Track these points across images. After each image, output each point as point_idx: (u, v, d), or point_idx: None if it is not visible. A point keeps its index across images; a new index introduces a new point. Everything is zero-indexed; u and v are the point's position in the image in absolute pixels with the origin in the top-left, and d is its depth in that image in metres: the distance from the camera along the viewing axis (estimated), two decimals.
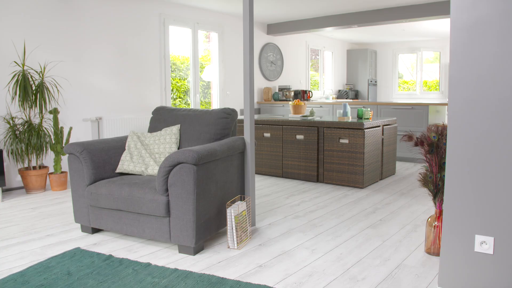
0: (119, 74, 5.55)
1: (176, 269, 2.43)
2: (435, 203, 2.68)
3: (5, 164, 4.45)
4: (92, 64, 5.24)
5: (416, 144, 2.69)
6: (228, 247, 2.81)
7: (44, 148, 4.49)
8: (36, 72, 4.56)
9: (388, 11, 6.62)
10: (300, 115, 5.53)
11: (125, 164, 3.15)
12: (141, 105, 5.86)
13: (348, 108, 4.97)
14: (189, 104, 6.83)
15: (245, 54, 3.06)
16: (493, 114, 1.89)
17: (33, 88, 4.45)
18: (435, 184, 2.65)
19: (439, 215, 2.65)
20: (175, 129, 3.28)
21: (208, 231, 2.76)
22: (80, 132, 5.17)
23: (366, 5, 6.45)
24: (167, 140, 3.22)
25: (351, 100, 9.08)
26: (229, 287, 2.21)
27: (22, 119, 4.46)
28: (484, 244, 1.96)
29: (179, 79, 6.75)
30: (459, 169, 2.00)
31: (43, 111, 4.55)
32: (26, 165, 4.63)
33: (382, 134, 5.02)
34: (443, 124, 2.67)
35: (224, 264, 2.55)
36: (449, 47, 2.00)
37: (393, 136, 5.30)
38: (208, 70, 6.96)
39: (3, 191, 4.47)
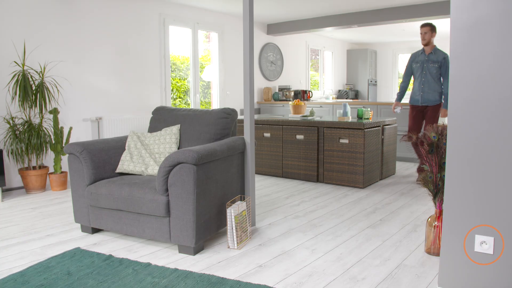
0: (119, 74, 5.55)
1: (176, 269, 2.43)
2: (435, 203, 2.68)
3: (5, 164, 4.45)
4: (92, 64, 5.24)
5: (416, 144, 2.69)
6: (228, 247, 2.81)
7: (44, 148, 4.49)
8: (36, 72, 4.56)
9: (388, 11, 6.62)
10: (300, 115, 5.53)
11: (125, 164, 3.15)
12: (141, 105, 5.86)
13: (348, 108, 4.97)
14: (189, 104, 6.83)
15: (245, 54, 3.05)
16: (493, 114, 1.89)
17: (33, 88, 4.45)
18: (435, 184, 2.65)
19: (439, 215, 2.65)
20: (175, 129, 3.28)
21: (208, 231, 2.76)
22: (80, 132, 5.17)
23: (366, 5, 6.45)
24: (167, 140, 3.22)
25: (351, 100, 9.08)
26: (229, 287, 2.21)
27: (22, 119, 4.45)
28: (484, 244, 1.96)
29: (179, 79, 6.75)
30: (459, 169, 2.00)
31: (43, 111, 4.55)
32: (26, 165, 4.63)
33: (382, 134, 5.02)
34: (443, 124, 2.67)
35: (224, 264, 2.55)
36: (449, 47, 2.00)
37: (393, 136, 5.30)
38: (208, 70, 6.96)
39: (3, 191, 4.47)
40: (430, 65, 4.66)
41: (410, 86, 5.16)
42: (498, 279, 1.94)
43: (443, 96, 4.73)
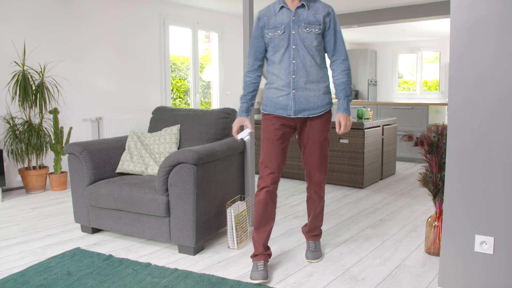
0: (119, 74, 5.55)
1: (176, 269, 2.43)
2: (435, 203, 2.67)
3: (5, 164, 4.45)
4: (92, 64, 5.24)
5: (416, 144, 2.69)
6: (228, 247, 2.81)
7: (44, 148, 4.49)
8: (36, 72, 4.56)
9: (388, 11, 6.62)
10: None
11: (125, 164, 3.15)
12: (141, 105, 5.86)
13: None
14: (189, 104, 6.83)
15: (245, 54, 3.05)
16: (493, 114, 1.89)
17: (33, 88, 4.45)
18: (435, 184, 2.64)
19: (439, 215, 2.65)
20: (175, 129, 3.28)
21: (208, 231, 2.76)
22: (80, 132, 5.17)
23: (366, 5, 6.45)
24: (167, 140, 3.22)
25: None
26: (229, 287, 2.21)
27: (22, 119, 4.45)
28: (484, 244, 1.96)
29: (179, 79, 6.75)
30: (459, 169, 2.00)
31: (43, 111, 4.55)
32: (26, 165, 4.63)
33: (382, 134, 5.02)
34: (443, 124, 2.67)
35: (224, 264, 2.55)
36: (449, 47, 2.00)
37: (393, 136, 5.30)
38: (208, 70, 6.96)
39: (3, 191, 4.47)
40: (303, 32, 2.29)
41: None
42: (498, 279, 1.94)
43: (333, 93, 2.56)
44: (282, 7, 2.31)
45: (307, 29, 2.29)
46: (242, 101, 2.42)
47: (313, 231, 2.65)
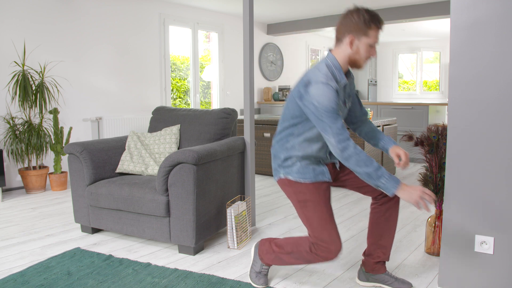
0: (119, 74, 5.55)
1: (176, 269, 2.43)
2: (435, 203, 2.67)
3: (5, 164, 4.45)
4: (92, 64, 5.24)
5: (416, 144, 2.69)
6: (228, 247, 2.81)
7: (44, 148, 4.49)
8: (36, 72, 4.56)
9: (388, 11, 6.63)
10: None
11: (125, 164, 3.15)
12: (141, 105, 5.86)
13: None
14: (189, 104, 6.83)
15: (245, 54, 3.05)
16: (493, 114, 1.89)
17: (33, 88, 4.45)
18: (435, 184, 2.64)
19: (439, 215, 2.65)
20: (175, 129, 3.28)
21: (208, 231, 2.76)
22: (80, 132, 5.17)
23: (366, 5, 6.45)
24: (167, 140, 3.22)
25: None
26: (229, 287, 2.21)
27: (22, 119, 4.45)
28: (484, 244, 1.96)
29: (179, 79, 6.75)
30: (459, 169, 2.00)
31: (43, 111, 4.55)
32: (26, 165, 4.63)
33: None
34: (443, 124, 2.67)
35: (224, 264, 2.55)
36: (449, 47, 2.00)
37: (393, 136, 5.30)
38: (208, 70, 6.96)
39: (3, 191, 4.47)
40: (344, 109, 2.10)
41: None
42: (498, 279, 1.94)
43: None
44: (347, 81, 1.98)
45: (348, 105, 2.09)
46: (382, 168, 1.89)
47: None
